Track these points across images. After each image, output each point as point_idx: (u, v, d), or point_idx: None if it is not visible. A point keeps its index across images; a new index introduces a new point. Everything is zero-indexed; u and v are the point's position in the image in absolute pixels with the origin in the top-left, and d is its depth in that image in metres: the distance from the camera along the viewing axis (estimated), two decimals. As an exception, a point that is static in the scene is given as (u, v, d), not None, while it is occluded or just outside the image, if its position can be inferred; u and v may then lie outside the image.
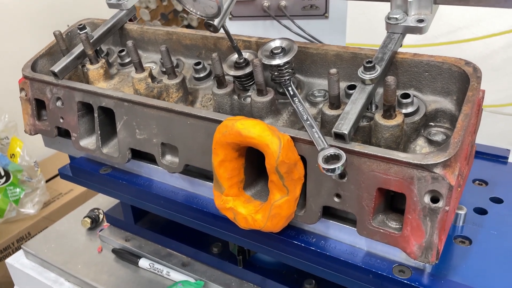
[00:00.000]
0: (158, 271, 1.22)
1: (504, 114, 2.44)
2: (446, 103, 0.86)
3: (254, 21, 1.80)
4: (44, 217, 2.34)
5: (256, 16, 1.77)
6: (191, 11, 0.87)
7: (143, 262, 1.25)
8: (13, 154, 2.36)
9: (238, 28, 1.81)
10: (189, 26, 2.91)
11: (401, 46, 0.90)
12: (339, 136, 0.76)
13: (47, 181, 2.50)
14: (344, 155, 0.72)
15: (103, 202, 1.50)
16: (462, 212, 0.92)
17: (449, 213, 0.71)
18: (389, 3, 0.91)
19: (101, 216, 1.44)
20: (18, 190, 2.28)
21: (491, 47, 2.61)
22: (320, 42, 1.64)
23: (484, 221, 0.93)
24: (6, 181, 2.26)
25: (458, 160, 0.71)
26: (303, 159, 0.81)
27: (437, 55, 0.86)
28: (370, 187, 0.75)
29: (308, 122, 0.80)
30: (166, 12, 2.96)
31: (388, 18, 0.89)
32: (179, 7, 2.86)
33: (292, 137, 0.80)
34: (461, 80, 0.83)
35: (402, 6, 0.88)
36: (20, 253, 1.39)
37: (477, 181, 1.08)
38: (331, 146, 0.75)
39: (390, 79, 0.74)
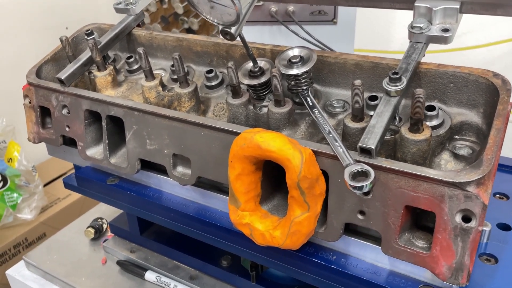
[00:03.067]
0: (165, 285, 1.18)
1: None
2: (472, 116, 0.83)
3: (260, 26, 1.76)
4: (41, 222, 2.30)
5: (262, 21, 1.73)
6: (207, 18, 0.83)
7: (150, 275, 1.21)
8: (10, 159, 2.31)
9: (243, 34, 1.77)
10: (189, 30, 2.87)
11: (424, 56, 0.87)
12: (365, 151, 0.72)
13: (44, 186, 2.46)
14: (373, 172, 0.68)
15: (107, 211, 1.46)
16: (487, 229, 0.88)
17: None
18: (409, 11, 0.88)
19: (105, 226, 1.39)
20: (15, 195, 2.23)
21: (494, 53, 2.59)
22: (328, 48, 1.61)
23: (509, 238, 0.90)
24: (3, 186, 2.21)
25: (491, 177, 0.68)
26: (325, 173, 0.77)
27: (463, 65, 0.83)
28: (397, 204, 0.72)
29: (331, 135, 0.77)
30: (166, 15, 2.91)
31: (412, 27, 0.85)
32: (179, 10, 2.82)
33: (313, 151, 0.76)
34: (488, 92, 0.80)
35: (426, 15, 0.85)
36: (21, 264, 1.34)
37: (498, 195, 1.05)
38: (357, 161, 0.71)
39: (420, 91, 0.71)
